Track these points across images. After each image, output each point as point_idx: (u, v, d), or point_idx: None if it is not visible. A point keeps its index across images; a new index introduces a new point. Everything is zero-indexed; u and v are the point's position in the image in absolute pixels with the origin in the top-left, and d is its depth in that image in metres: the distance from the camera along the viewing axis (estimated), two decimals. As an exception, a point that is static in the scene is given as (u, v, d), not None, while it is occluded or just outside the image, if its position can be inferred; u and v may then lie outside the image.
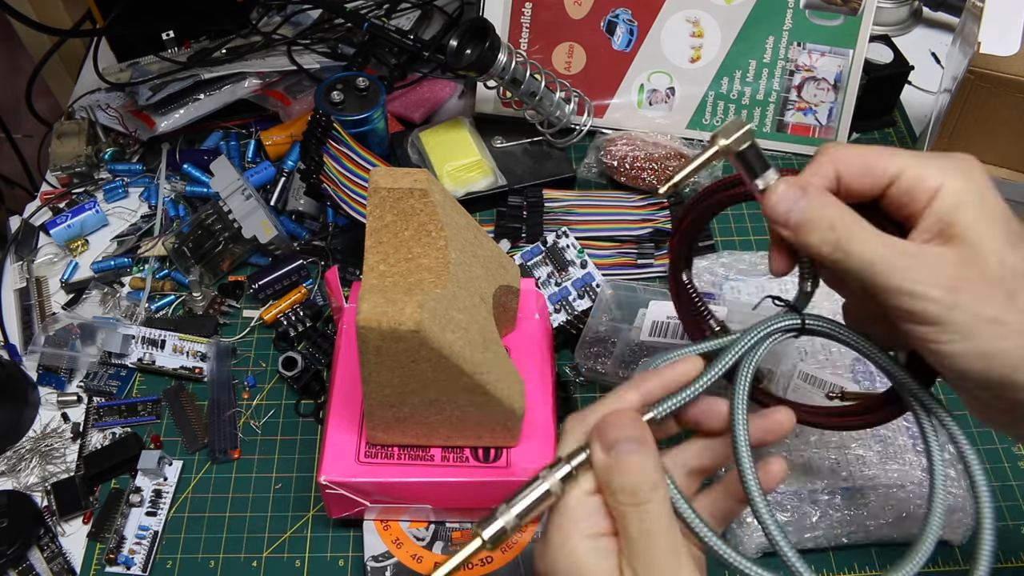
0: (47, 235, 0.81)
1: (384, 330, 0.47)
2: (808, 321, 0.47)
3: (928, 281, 0.38)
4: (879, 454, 0.63)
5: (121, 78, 0.87)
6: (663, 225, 0.78)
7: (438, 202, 0.53)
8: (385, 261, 0.51)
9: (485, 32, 0.75)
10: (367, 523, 0.62)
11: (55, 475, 0.66)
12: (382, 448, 0.57)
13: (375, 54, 0.89)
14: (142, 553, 0.62)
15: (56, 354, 0.70)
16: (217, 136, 0.89)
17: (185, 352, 0.71)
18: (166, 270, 0.78)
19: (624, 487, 0.39)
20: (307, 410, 0.70)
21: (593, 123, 0.86)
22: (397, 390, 0.51)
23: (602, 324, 0.68)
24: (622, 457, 0.39)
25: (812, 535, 0.60)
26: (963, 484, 0.62)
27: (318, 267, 0.78)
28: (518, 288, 0.60)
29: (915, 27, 1.05)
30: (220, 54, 0.88)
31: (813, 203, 0.41)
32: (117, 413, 0.69)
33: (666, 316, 0.65)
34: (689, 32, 0.86)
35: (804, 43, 0.86)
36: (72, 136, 0.86)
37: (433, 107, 0.91)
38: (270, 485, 0.66)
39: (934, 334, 0.39)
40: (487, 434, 0.56)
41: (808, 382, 0.65)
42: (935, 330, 0.39)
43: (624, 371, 0.67)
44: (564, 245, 0.76)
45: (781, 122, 0.88)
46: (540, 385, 0.60)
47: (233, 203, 0.76)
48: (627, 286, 0.70)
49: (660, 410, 0.43)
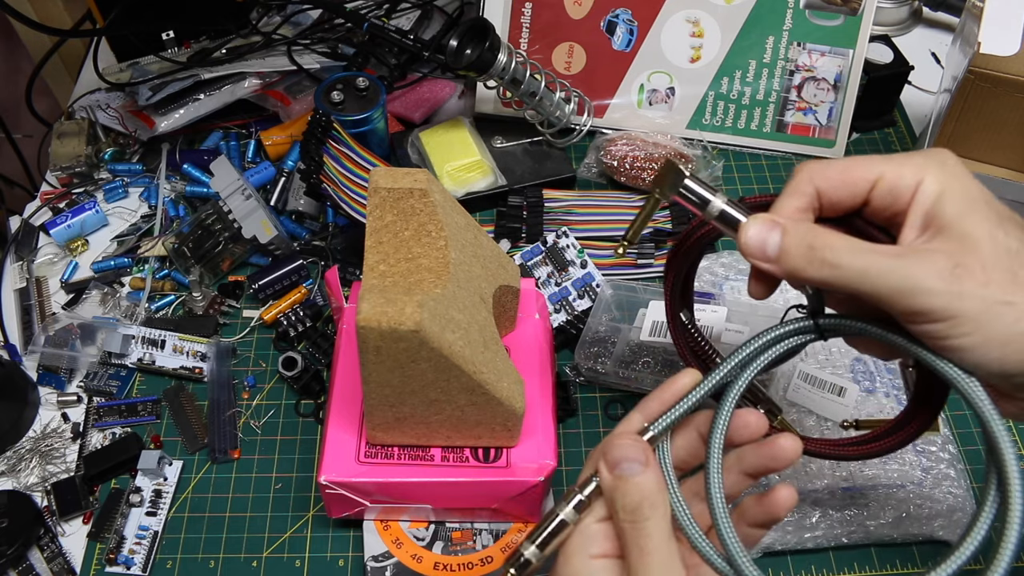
0: (47, 235, 0.81)
1: (384, 330, 0.47)
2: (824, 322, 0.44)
3: (927, 274, 0.38)
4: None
5: (121, 78, 0.87)
6: (663, 225, 0.78)
7: (438, 202, 0.53)
8: (385, 261, 0.51)
9: (485, 32, 0.75)
10: (367, 523, 0.62)
11: (55, 475, 0.66)
12: (382, 448, 0.57)
13: (375, 54, 0.89)
14: (142, 553, 0.62)
15: (56, 354, 0.70)
16: (217, 136, 0.89)
17: (185, 352, 0.71)
18: (166, 270, 0.78)
19: (625, 506, 0.40)
20: (307, 410, 0.70)
21: (593, 123, 0.86)
22: (397, 390, 0.51)
23: (602, 324, 0.68)
24: (624, 476, 0.41)
25: (812, 535, 0.60)
26: (963, 484, 0.62)
27: (318, 267, 0.78)
28: (518, 288, 0.60)
29: (915, 27, 1.05)
30: (220, 54, 0.88)
31: (789, 230, 0.41)
32: (117, 413, 0.69)
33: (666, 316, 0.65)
34: (689, 32, 0.86)
35: (804, 43, 0.86)
36: (72, 136, 0.86)
37: (433, 107, 0.91)
38: (270, 485, 0.66)
39: (946, 329, 0.38)
40: (487, 434, 0.56)
41: (808, 382, 0.65)
42: (946, 325, 0.38)
43: (624, 371, 0.67)
44: (564, 245, 0.76)
45: (781, 122, 0.88)
46: (540, 385, 0.60)
47: (233, 203, 0.76)
48: (627, 286, 0.70)
49: (656, 426, 0.43)
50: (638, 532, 0.40)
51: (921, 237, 0.40)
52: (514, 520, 0.62)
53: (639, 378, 0.66)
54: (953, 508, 0.61)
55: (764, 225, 0.41)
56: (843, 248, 0.39)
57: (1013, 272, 0.38)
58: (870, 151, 0.90)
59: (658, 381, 0.64)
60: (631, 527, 0.40)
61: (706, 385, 0.44)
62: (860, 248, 0.39)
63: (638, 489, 0.40)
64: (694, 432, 0.45)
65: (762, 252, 0.41)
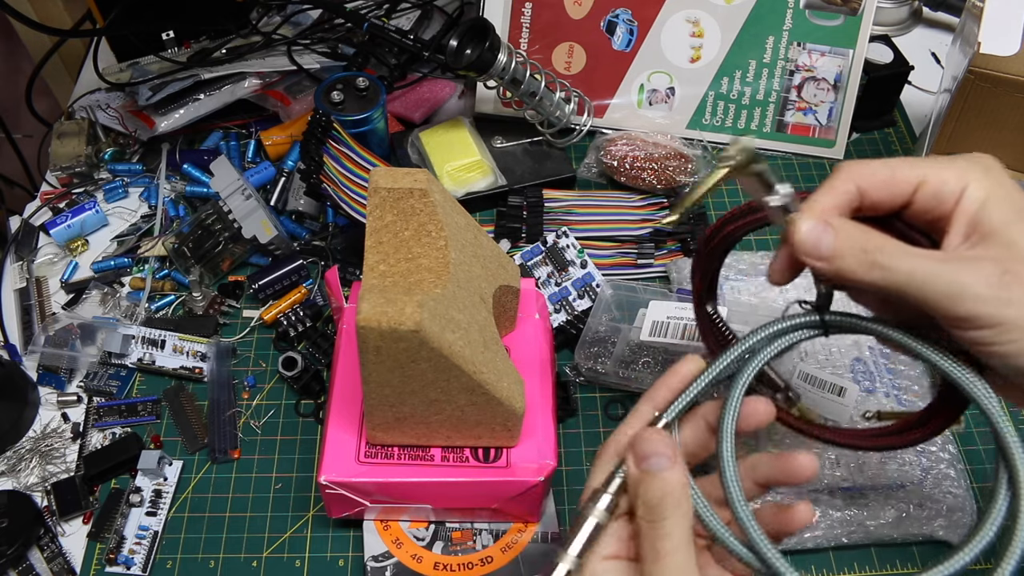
0: (47, 235, 0.81)
1: (384, 330, 0.47)
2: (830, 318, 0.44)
3: (976, 280, 0.38)
4: (879, 454, 0.63)
5: (121, 78, 0.87)
6: (663, 225, 0.78)
7: (438, 202, 0.53)
8: (385, 261, 0.51)
9: (485, 32, 0.75)
10: (367, 523, 0.62)
11: (55, 475, 0.66)
12: (382, 448, 0.57)
13: (375, 54, 0.89)
14: (142, 553, 0.62)
15: (56, 354, 0.70)
16: (217, 136, 0.89)
17: (185, 352, 0.71)
18: (166, 270, 0.78)
19: (647, 502, 0.39)
20: (307, 410, 0.70)
21: (593, 123, 0.86)
22: (397, 390, 0.51)
23: (602, 324, 0.68)
24: (652, 471, 0.40)
25: (812, 535, 0.60)
26: (963, 484, 0.62)
27: (318, 267, 0.78)
28: (518, 288, 0.60)
29: (915, 27, 1.05)
30: (220, 54, 0.88)
31: (840, 231, 0.40)
32: (117, 413, 0.69)
33: (666, 316, 0.65)
34: (689, 32, 0.86)
35: (804, 43, 0.86)
36: (72, 136, 0.86)
37: (433, 107, 0.91)
38: (270, 485, 0.66)
39: (991, 336, 0.38)
40: (487, 434, 0.56)
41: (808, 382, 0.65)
42: (992, 332, 0.38)
43: (624, 371, 0.67)
44: (564, 245, 0.76)
45: (781, 122, 0.88)
46: (540, 385, 0.60)
47: (233, 203, 0.76)
48: (627, 286, 0.70)
49: (669, 413, 0.43)
50: (656, 532, 0.39)
51: (966, 243, 0.40)
52: (514, 520, 0.62)
53: (639, 378, 0.66)
54: (953, 508, 0.61)
55: (818, 224, 0.40)
56: (895, 252, 0.39)
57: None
58: (870, 151, 0.90)
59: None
60: (649, 526, 0.39)
61: (716, 368, 0.43)
62: (910, 252, 0.39)
63: (662, 485, 0.39)
64: (702, 422, 0.45)
65: (816, 250, 0.40)
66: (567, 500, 0.64)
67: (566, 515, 0.63)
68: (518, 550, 0.61)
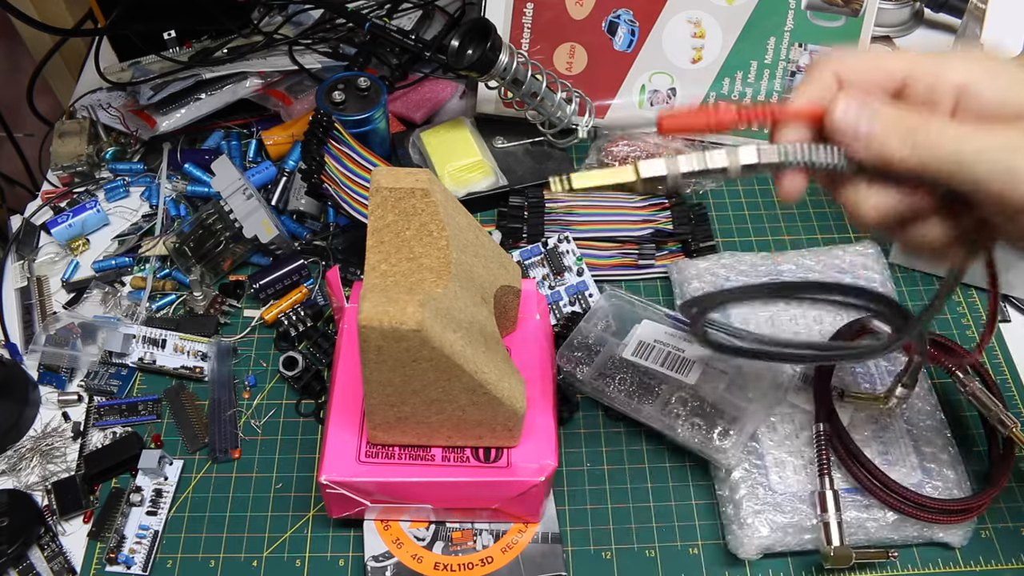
0: (48, 234, 0.81)
1: (385, 329, 0.47)
2: None
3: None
4: (879, 455, 0.63)
5: (122, 77, 0.87)
6: (664, 225, 0.78)
7: (440, 202, 0.53)
8: (386, 261, 0.51)
9: (486, 32, 0.75)
10: (367, 523, 0.62)
11: (55, 474, 0.66)
12: (383, 448, 0.57)
13: (376, 54, 0.90)
14: (142, 552, 0.62)
15: (57, 353, 0.70)
16: (218, 136, 0.89)
17: (186, 352, 0.71)
18: (167, 269, 0.78)
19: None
20: (307, 410, 0.70)
21: (594, 123, 0.86)
22: (398, 390, 0.51)
23: (592, 332, 0.68)
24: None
25: (812, 535, 0.60)
26: (963, 485, 0.62)
27: (319, 267, 0.78)
28: (519, 288, 0.60)
29: (917, 28, 1.05)
30: (221, 54, 0.88)
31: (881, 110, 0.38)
32: (118, 412, 0.69)
33: (654, 339, 0.66)
34: (690, 33, 0.86)
35: (805, 44, 0.86)
36: (73, 135, 0.86)
37: (434, 107, 0.91)
38: (270, 485, 0.66)
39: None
40: (488, 434, 0.56)
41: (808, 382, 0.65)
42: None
43: (599, 382, 0.66)
44: (564, 250, 0.76)
45: (782, 123, 0.88)
46: (540, 385, 0.60)
47: (234, 203, 0.76)
48: (627, 299, 0.70)
49: None
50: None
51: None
52: (515, 520, 0.62)
53: (611, 394, 0.66)
54: (954, 509, 0.61)
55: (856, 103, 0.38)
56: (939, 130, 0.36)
57: None
58: (871, 152, 0.90)
59: (628, 403, 0.64)
60: None
61: None
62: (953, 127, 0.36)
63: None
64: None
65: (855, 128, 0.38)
66: (567, 500, 0.64)
67: (566, 515, 0.64)
68: (518, 550, 0.61)
